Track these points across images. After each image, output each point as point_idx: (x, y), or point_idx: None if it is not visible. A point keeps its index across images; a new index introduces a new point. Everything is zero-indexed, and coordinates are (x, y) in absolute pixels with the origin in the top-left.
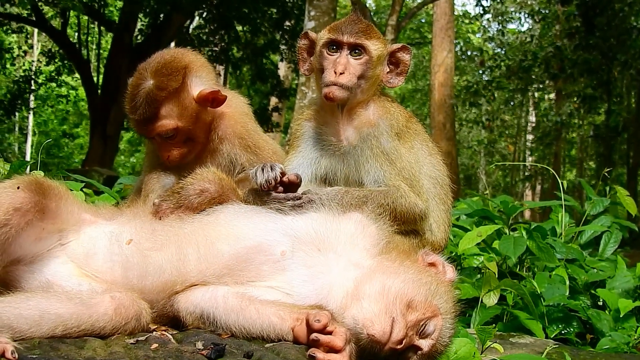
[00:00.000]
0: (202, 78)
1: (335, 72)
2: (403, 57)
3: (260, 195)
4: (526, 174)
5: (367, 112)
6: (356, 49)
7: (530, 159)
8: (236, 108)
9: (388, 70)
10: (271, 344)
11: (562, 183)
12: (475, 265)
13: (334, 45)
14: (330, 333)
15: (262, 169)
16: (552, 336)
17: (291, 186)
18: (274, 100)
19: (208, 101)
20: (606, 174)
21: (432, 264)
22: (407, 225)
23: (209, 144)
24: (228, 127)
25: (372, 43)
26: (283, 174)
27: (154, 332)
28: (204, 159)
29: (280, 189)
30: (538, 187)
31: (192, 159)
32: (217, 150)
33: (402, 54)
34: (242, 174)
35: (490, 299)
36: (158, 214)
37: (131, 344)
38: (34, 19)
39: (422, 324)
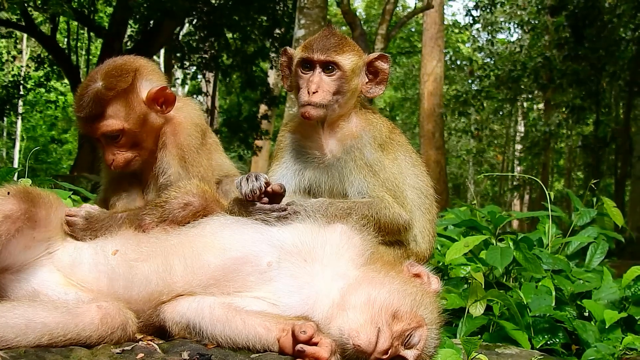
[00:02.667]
0: (153, 82)
1: (309, 92)
2: (381, 66)
3: (245, 206)
4: (514, 183)
5: (349, 125)
6: (328, 66)
7: (518, 168)
8: (187, 117)
9: (367, 80)
10: (257, 355)
11: (549, 194)
12: (462, 276)
13: (307, 64)
14: (316, 344)
15: (247, 179)
16: (538, 347)
17: (275, 196)
18: (263, 108)
19: (157, 101)
20: (593, 185)
21: (417, 275)
22: (392, 235)
23: (155, 151)
24: (172, 134)
25: (345, 58)
26: (267, 184)
27: (140, 342)
28: (149, 167)
29: (265, 199)
30: (526, 197)
31: (139, 166)
32: (156, 159)
33: (380, 62)
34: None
35: (477, 309)
36: (141, 228)
37: (117, 353)
38: (23, 24)
39: (408, 335)
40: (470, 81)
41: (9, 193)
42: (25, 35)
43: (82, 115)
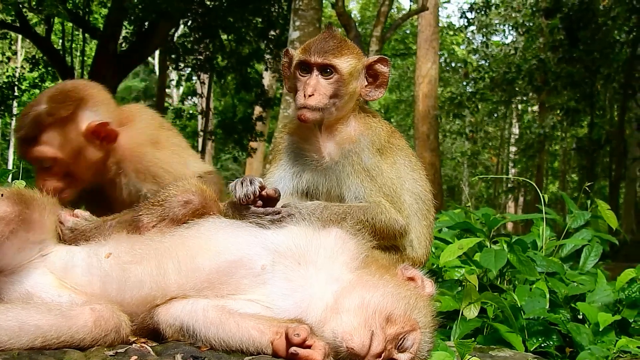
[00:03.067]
0: (98, 113)
1: (305, 95)
2: (381, 69)
3: (239, 209)
4: (509, 185)
5: (348, 128)
6: (326, 69)
7: (513, 170)
8: (134, 138)
9: (366, 83)
10: (250, 357)
11: (543, 196)
12: (456, 278)
13: (305, 66)
14: (309, 347)
15: (242, 183)
16: (531, 349)
17: (270, 200)
18: (258, 110)
19: (97, 135)
20: (587, 187)
21: (411, 278)
22: (388, 240)
23: (106, 178)
24: (123, 161)
25: (343, 61)
26: (262, 188)
27: (134, 345)
28: (105, 191)
29: (259, 203)
30: (521, 199)
31: (83, 193)
32: (116, 183)
33: (379, 66)
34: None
35: (471, 312)
36: (140, 229)
37: (110, 356)
38: (18, 25)
39: (401, 338)
40: (464, 83)
41: (2, 195)
42: (20, 37)
43: (19, 136)
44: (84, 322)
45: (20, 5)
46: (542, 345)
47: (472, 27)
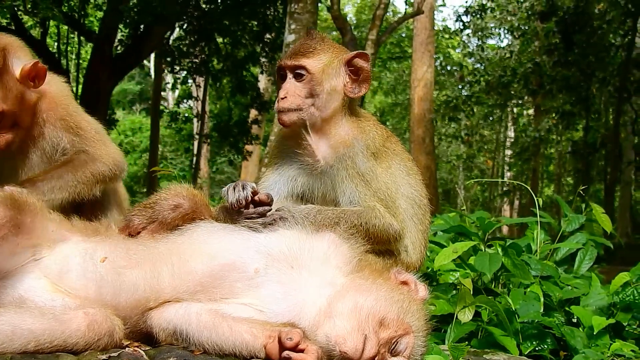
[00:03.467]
0: (22, 59)
1: (279, 99)
2: (360, 64)
3: (231, 214)
4: (504, 189)
5: (341, 131)
6: (298, 71)
7: (508, 174)
8: (57, 89)
9: (349, 80)
10: None
11: (537, 200)
12: (450, 282)
13: (281, 71)
14: (302, 351)
15: (234, 188)
16: (526, 353)
17: (262, 205)
18: (253, 113)
19: (30, 77)
20: (582, 191)
21: (404, 283)
22: (382, 245)
23: (33, 128)
24: (50, 109)
25: (312, 60)
26: (255, 193)
27: (127, 348)
28: (28, 145)
29: (252, 207)
30: (516, 203)
31: (17, 145)
32: (41, 135)
33: (358, 60)
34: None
35: (465, 315)
36: (129, 230)
37: (103, 359)
38: (13, 28)
39: (394, 342)
40: (460, 86)
41: None
42: None
43: None
44: (77, 326)
45: (16, 8)
46: (537, 348)
47: (468, 31)
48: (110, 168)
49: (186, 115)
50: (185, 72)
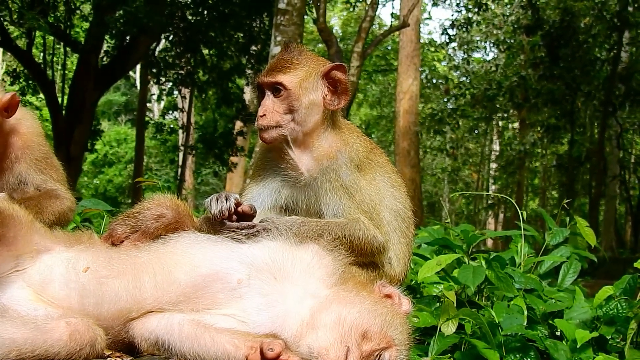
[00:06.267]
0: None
1: (258, 117)
2: (338, 75)
3: (214, 225)
4: (489, 202)
5: (324, 144)
6: (275, 87)
7: (493, 187)
8: (32, 127)
9: (327, 92)
10: None
11: (521, 213)
12: (434, 294)
13: (260, 88)
14: None
15: (217, 199)
16: None
17: (245, 217)
18: (239, 124)
19: (4, 107)
20: (566, 204)
21: (388, 296)
22: (366, 257)
23: (3, 160)
24: (26, 147)
25: (289, 76)
26: (238, 204)
27: (109, 358)
28: None
29: (234, 218)
30: (501, 216)
31: None
32: (9, 169)
33: (336, 72)
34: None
35: (449, 328)
36: (112, 239)
37: None
38: None
39: (377, 355)
40: (445, 99)
41: None
42: (0, 50)
43: None
44: (59, 336)
45: (1, 18)
46: None
47: (454, 44)
48: (71, 208)
49: (171, 126)
50: (170, 84)
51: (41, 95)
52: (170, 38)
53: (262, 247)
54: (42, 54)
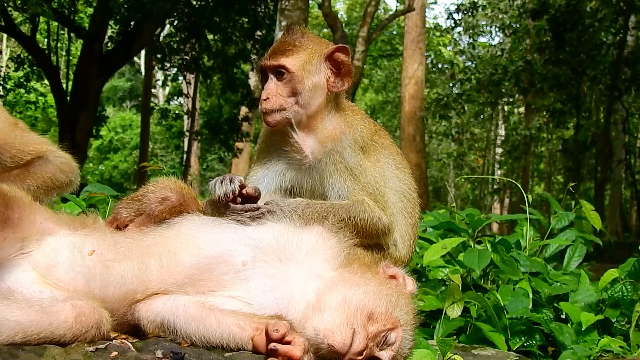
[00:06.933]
0: None
1: (262, 100)
2: (341, 57)
3: (218, 207)
4: (494, 187)
5: (328, 126)
6: (278, 70)
7: (499, 172)
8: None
9: (331, 75)
10: (230, 354)
11: (527, 197)
12: (439, 277)
13: (263, 72)
14: (289, 343)
15: (222, 182)
16: (514, 348)
17: (250, 199)
18: (244, 110)
19: None
20: (571, 188)
21: (393, 277)
22: (371, 239)
23: None
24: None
25: (292, 59)
26: (242, 186)
27: (114, 341)
28: None
29: (239, 200)
30: (507, 201)
31: None
32: None
33: (339, 54)
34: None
35: (454, 311)
36: (117, 222)
37: (90, 351)
38: (2, 24)
39: (383, 336)
40: (451, 84)
41: None
42: (4, 36)
43: None
44: (65, 318)
45: (5, 4)
46: (525, 344)
47: (459, 28)
48: (62, 168)
49: (176, 112)
50: (175, 69)
51: (46, 82)
52: (175, 23)
53: (267, 229)
54: (46, 40)
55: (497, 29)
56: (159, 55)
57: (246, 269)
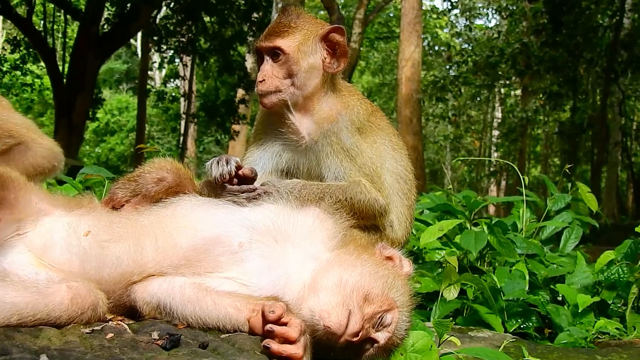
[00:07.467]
0: None
1: (258, 82)
2: (336, 38)
3: (215, 188)
4: (491, 169)
5: (325, 107)
6: (274, 52)
7: (495, 154)
8: None
9: (326, 56)
10: (227, 335)
11: (523, 179)
12: (436, 260)
13: (259, 53)
14: (285, 324)
15: (218, 162)
16: (511, 330)
17: (246, 180)
18: (240, 92)
19: None
20: (567, 170)
21: (389, 258)
22: (367, 220)
23: None
24: None
25: (287, 40)
26: (238, 167)
27: (110, 322)
28: None
29: (235, 181)
30: (503, 183)
31: None
32: None
33: (334, 35)
34: None
35: (451, 293)
36: (113, 203)
37: (87, 333)
38: None
39: (379, 317)
40: (448, 67)
41: None
42: (0, 18)
43: None
44: (61, 300)
45: None
46: (522, 326)
47: (456, 11)
48: (45, 155)
49: (173, 94)
50: (172, 52)
51: (42, 64)
52: (171, 5)
53: (263, 210)
54: (42, 22)
55: (493, 11)
56: (155, 38)
57: (242, 250)
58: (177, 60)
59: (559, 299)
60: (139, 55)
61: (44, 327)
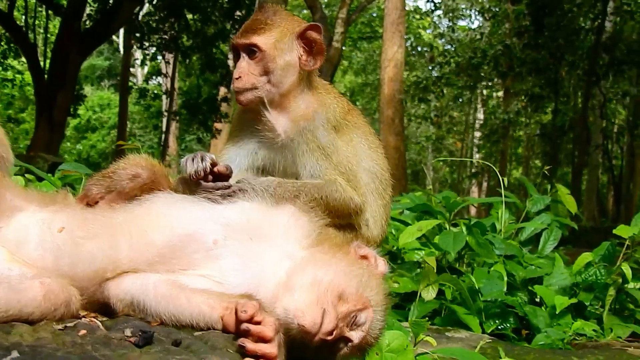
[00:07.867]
0: None
1: (235, 79)
2: (313, 36)
3: (189, 185)
4: (473, 170)
5: (301, 105)
6: (250, 49)
7: (477, 155)
8: None
9: (302, 53)
10: (200, 332)
11: (502, 180)
12: (415, 260)
13: (235, 50)
14: (258, 323)
15: (193, 159)
16: (488, 331)
17: (221, 177)
18: (223, 91)
19: None
20: (546, 172)
21: (364, 257)
22: (342, 219)
23: None
24: None
25: (263, 37)
26: (213, 164)
27: (83, 319)
28: None
29: (210, 178)
30: (484, 184)
31: None
32: None
33: (311, 33)
34: None
35: (429, 294)
36: (87, 199)
37: (59, 330)
38: None
39: (353, 316)
40: (430, 68)
41: None
42: None
43: None
44: (33, 296)
45: None
46: (499, 327)
47: (439, 12)
48: None
49: (155, 92)
50: (154, 49)
51: (23, 59)
52: (154, 2)
53: (238, 207)
54: (23, 17)
55: (476, 13)
56: (138, 34)
57: (217, 247)
58: (159, 57)
59: (537, 300)
60: (121, 51)
61: (16, 324)
